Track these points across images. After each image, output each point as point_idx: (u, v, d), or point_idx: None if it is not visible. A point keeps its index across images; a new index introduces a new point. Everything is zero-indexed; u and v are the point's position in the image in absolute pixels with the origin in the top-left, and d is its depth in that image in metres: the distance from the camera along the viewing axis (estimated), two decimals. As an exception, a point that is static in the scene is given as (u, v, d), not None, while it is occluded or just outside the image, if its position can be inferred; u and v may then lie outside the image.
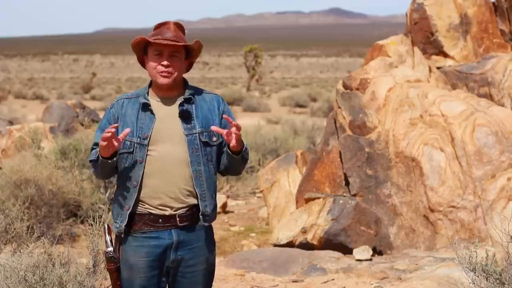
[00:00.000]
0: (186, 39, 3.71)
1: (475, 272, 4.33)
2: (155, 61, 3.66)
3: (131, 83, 66.15)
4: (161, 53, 3.65)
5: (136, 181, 3.64)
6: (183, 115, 3.68)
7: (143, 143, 3.63)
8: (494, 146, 7.87)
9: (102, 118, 3.81)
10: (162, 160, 3.64)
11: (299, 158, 10.35)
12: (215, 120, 3.73)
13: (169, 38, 3.63)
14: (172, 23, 3.71)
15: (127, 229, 3.67)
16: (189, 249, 3.70)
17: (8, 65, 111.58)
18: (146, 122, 3.66)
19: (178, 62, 3.68)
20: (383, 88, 8.54)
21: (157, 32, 3.67)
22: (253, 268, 7.55)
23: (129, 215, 3.65)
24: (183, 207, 3.67)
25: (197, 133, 3.68)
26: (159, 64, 3.65)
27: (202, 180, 3.67)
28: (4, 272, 4.67)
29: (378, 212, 8.23)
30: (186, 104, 3.71)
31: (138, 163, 3.63)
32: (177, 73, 3.68)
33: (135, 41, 3.69)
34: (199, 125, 3.69)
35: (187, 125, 3.67)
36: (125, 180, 3.67)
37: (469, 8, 9.66)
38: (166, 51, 3.64)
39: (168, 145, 3.65)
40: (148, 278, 3.67)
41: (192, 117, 3.69)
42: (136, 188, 3.64)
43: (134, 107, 3.70)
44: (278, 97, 42.36)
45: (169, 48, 3.64)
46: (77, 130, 12.36)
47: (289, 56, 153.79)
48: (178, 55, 3.67)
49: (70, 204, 8.92)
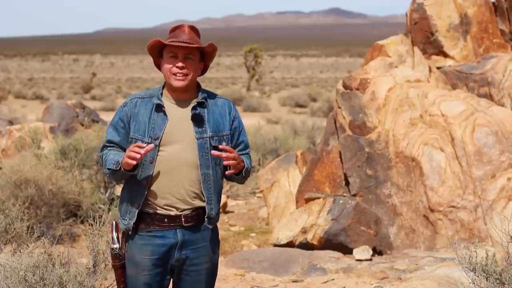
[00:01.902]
0: (201, 42, 3.75)
1: (475, 272, 4.33)
2: (170, 63, 3.70)
3: (131, 83, 66.16)
4: (176, 55, 3.69)
5: (145, 180, 3.67)
6: (196, 118, 3.72)
7: (154, 143, 3.66)
8: (494, 146, 7.87)
9: (113, 116, 3.84)
10: (171, 161, 3.67)
11: (299, 158, 10.36)
12: (226, 125, 3.78)
13: (184, 40, 3.67)
14: (187, 26, 3.75)
15: (135, 227, 3.70)
16: (194, 249, 3.74)
17: (8, 65, 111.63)
18: (158, 122, 3.69)
19: (192, 65, 3.71)
20: (383, 88, 8.54)
21: (172, 35, 3.71)
22: (253, 268, 7.55)
23: (137, 214, 3.69)
24: (189, 208, 3.71)
25: (208, 137, 3.72)
26: (174, 66, 3.69)
27: (210, 183, 3.71)
28: (4, 272, 4.68)
29: (378, 212, 8.23)
30: (198, 108, 3.74)
31: (148, 162, 3.67)
32: (192, 76, 3.71)
33: (150, 43, 3.73)
34: (210, 129, 3.73)
35: (199, 128, 3.71)
36: (134, 178, 3.70)
37: (469, 8, 9.66)
38: (181, 53, 3.68)
39: (179, 147, 3.68)
40: (152, 276, 3.71)
41: (204, 121, 3.73)
42: (146, 187, 3.67)
43: (147, 107, 3.73)
44: (278, 97, 42.38)
45: (184, 51, 3.68)
46: (77, 130, 12.36)
47: (289, 56, 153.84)
48: (192, 57, 3.71)
49: (70, 204, 8.92)
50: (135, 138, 3.69)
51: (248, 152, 3.90)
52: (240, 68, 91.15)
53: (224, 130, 3.77)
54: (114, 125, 3.77)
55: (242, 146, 3.86)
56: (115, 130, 3.76)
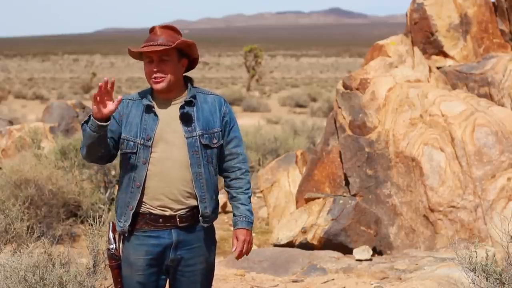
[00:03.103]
0: (177, 38, 3.70)
1: (475, 272, 4.33)
2: (148, 67, 3.70)
3: (131, 83, 66.11)
4: (151, 60, 3.68)
5: (139, 181, 3.67)
6: (184, 117, 3.71)
7: (147, 144, 3.66)
8: (494, 146, 7.87)
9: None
10: (163, 162, 3.67)
11: (299, 158, 10.36)
12: (216, 122, 3.76)
13: (158, 43, 3.65)
14: (158, 27, 3.74)
15: (130, 229, 3.71)
16: (189, 249, 3.74)
17: (8, 65, 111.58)
18: (150, 123, 3.69)
19: (169, 66, 3.69)
20: (383, 88, 8.54)
21: (148, 39, 3.71)
22: (253, 268, 7.55)
23: (132, 215, 3.69)
24: (183, 208, 3.70)
25: (197, 135, 3.70)
26: (151, 71, 3.69)
27: (202, 182, 3.70)
28: (4, 272, 4.67)
29: (378, 212, 8.23)
30: (187, 107, 3.73)
31: (141, 164, 3.66)
32: (170, 77, 3.69)
33: (128, 53, 3.76)
34: (200, 127, 3.72)
35: (188, 127, 3.70)
36: (128, 180, 3.70)
37: (469, 8, 9.66)
38: (155, 56, 3.67)
39: (169, 147, 3.68)
40: (147, 276, 3.71)
41: (192, 120, 3.71)
42: (140, 189, 3.67)
43: (138, 108, 3.73)
44: (278, 97, 42.37)
45: (157, 53, 3.67)
46: (77, 130, 12.35)
47: (289, 56, 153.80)
48: (167, 58, 3.68)
49: (70, 204, 8.92)
50: (127, 140, 3.69)
51: (241, 153, 3.86)
52: (240, 68, 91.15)
53: (215, 127, 3.75)
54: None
55: (235, 142, 3.83)
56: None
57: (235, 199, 3.85)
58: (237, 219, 3.84)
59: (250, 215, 3.84)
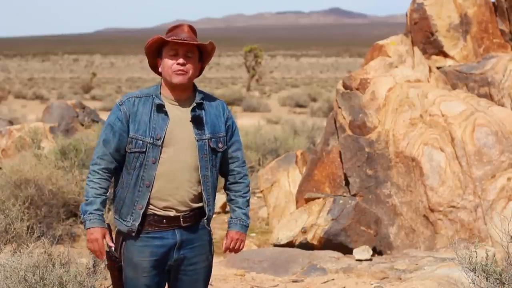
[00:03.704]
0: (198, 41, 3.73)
1: (475, 272, 4.33)
2: (171, 60, 3.68)
3: (131, 83, 66.13)
4: (177, 53, 3.67)
5: (148, 180, 3.65)
6: (195, 120, 3.71)
7: (157, 144, 3.64)
8: (494, 146, 7.87)
9: (109, 115, 3.75)
10: (171, 163, 3.66)
11: (299, 158, 10.36)
12: (221, 126, 3.79)
13: (184, 38, 3.65)
14: (187, 25, 3.74)
15: (140, 228, 3.68)
16: (191, 248, 3.75)
17: (8, 65, 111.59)
18: (159, 123, 3.66)
19: (192, 63, 3.70)
20: (383, 88, 8.54)
21: (172, 33, 3.70)
22: (253, 268, 7.55)
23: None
24: (187, 209, 3.71)
25: (207, 139, 3.72)
26: (174, 63, 3.66)
27: (208, 185, 3.73)
28: (4, 272, 4.68)
29: (378, 212, 8.23)
30: (197, 110, 3.73)
31: (151, 163, 3.64)
32: (191, 73, 3.70)
33: (151, 40, 3.70)
34: (209, 131, 3.73)
35: (199, 130, 3.70)
36: (136, 179, 3.67)
37: (469, 8, 9.66)
38: (182, 50, 3.67)
39: (178, 149, 3.67)
40: (152, 277, 3.71)
41: (203, 123, 3.72)
42: (149, 188, 3.65)
43: (146, 106, 3.69)
44: (278, 97, 42.36)
45: (185, 48, 3.67)
46: (77, 130, 12.36)
47: (289, 56, 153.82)
48: (192, 55, 3.70)
49: (70, 204, 8.91)
50: (135, 138, 3.65)
51: (241, 157, 3.88)
52: (240, 68, 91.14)
53: (220, 132, 3.77)
54: (111, 124, 3.69)
55: (235, 146, 3.85)
56: (111, 130, 3.68)
57: (233, 202, 3.89)
58: (232, 221, 3.88)
59: (245, 219, 3.87)
